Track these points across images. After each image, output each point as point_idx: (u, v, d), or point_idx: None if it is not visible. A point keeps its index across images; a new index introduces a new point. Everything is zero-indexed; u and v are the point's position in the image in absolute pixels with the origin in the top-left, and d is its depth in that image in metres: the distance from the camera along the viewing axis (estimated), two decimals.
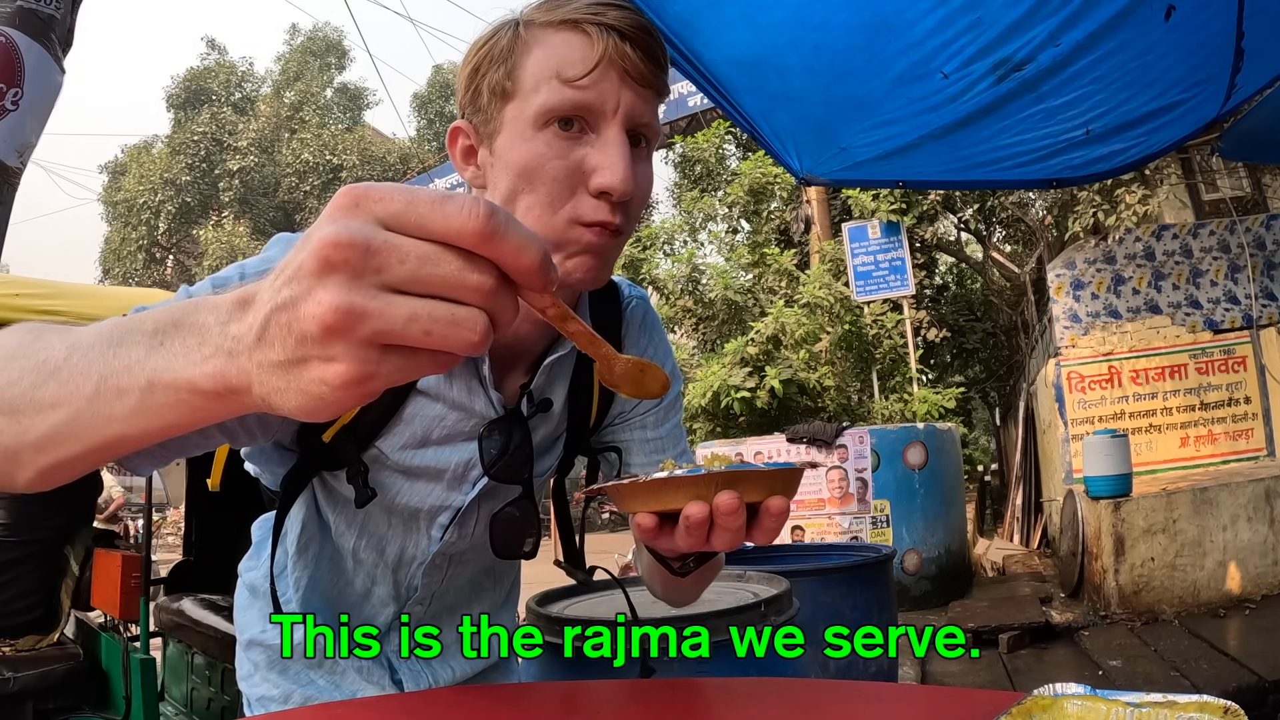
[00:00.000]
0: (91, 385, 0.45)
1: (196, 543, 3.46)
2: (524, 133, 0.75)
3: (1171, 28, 2.05)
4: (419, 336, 0.37)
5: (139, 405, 0.44)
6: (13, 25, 2.01)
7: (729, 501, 0.59)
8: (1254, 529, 4.85)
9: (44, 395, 0.47)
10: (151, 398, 0.43)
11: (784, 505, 0.62)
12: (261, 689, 0.97)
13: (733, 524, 0.61)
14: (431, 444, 0.86)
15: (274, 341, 0.38)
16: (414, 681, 0.98)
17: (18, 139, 2.06)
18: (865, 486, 6.19)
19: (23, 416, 0.48)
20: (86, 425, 0.46)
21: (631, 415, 0.98)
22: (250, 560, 1.01)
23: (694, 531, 0.61)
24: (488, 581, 1.05)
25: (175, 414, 0.44)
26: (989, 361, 12.71)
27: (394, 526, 0.92)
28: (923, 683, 4.11)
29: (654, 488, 0.62)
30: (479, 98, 0.78)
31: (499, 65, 0.76)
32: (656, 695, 0.87)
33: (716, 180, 12.18)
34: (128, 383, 0.44)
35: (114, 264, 22.64)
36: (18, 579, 3.15)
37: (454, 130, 0.81)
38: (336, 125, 23.75)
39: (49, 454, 0.49)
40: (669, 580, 0.86)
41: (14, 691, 2.84)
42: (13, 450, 0.50)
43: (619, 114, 0.75)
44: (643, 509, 0.64)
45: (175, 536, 13.26)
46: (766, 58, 2.23)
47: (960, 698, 0.75)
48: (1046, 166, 2.79)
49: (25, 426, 0.48)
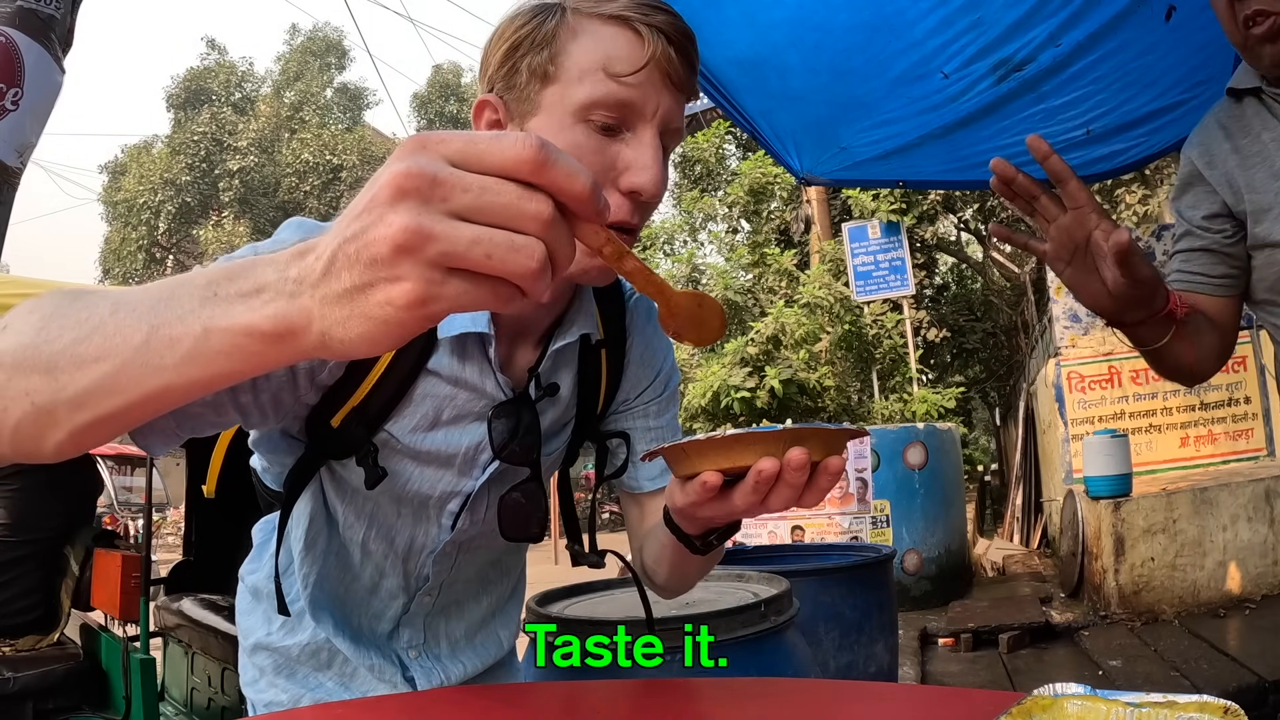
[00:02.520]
0: (141, 335, 0.46)
1: (196, 543, 3.45)
2: (563, 121, 0.75)
3: (1172, 28, 2.05)
4: (481, 259, 0.40)
5: (191, 352, 0.45)
6: (13, 25, 2.00)
7: (800, 456, 0.62)
8: (1254, 529, 4.85)
9: (87, 349, 0.48)
10: (206, 344, 0.45)
11: (841, 464, 0.65)
12: (269, 694, 0.96)
13: (800, 480, 0.63)
14: (441, 426, 0.86)
15: (340, 272, 0.41)
16: (426, 679, 0.98)
17: (18, 139, 2.06)
18: (865, 486, 6.19)
19: (60, 373, 0.49)
20: (132, 376, 0.47)
21: (635, 404, 0.99)
22: (252, 563, 1.01)
23: (760, 488, 0.63)
24: (494, 574, 1.05)
25: (229, 361, 0.45)
26: (989, 361, 12.72)
27: (404, 516, 0.92)
28: (923, 683, 4.11)
29: (727, 444, 0.64)
30: (515, 76, 0.78)
31: (543, 48, 0.76)
32: (657, 695, 0.87)
33: (716, 180, 12.19)
34: (180, 331, 0.45)
35: (114, 264, 22.64)
36: (18, 579, 3.15)
37: (481, 104, 0.81)
38: (336, 125, 23.75)
39: (87, 411, 0.49)
40: (679, 563, 0.87)
41: (14, 691, 2.83)
42: (47, 409, 0.50)
43: (657, 116, 0.76)
44: (711, 466, 0.65)
45: (175, 536, 13.25)
46: (767, 57, 2.23)
47: (960, 698, 0.75)
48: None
49: (63, 383, 0.49)
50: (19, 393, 0.50)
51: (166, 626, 3.15)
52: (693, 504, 0.68)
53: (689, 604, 1.89)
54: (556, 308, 0.88)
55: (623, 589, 2.19)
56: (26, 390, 0.50)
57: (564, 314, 0.89)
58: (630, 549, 1.02)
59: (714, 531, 0.78)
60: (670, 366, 1.01)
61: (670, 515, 0.78)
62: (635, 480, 0.98)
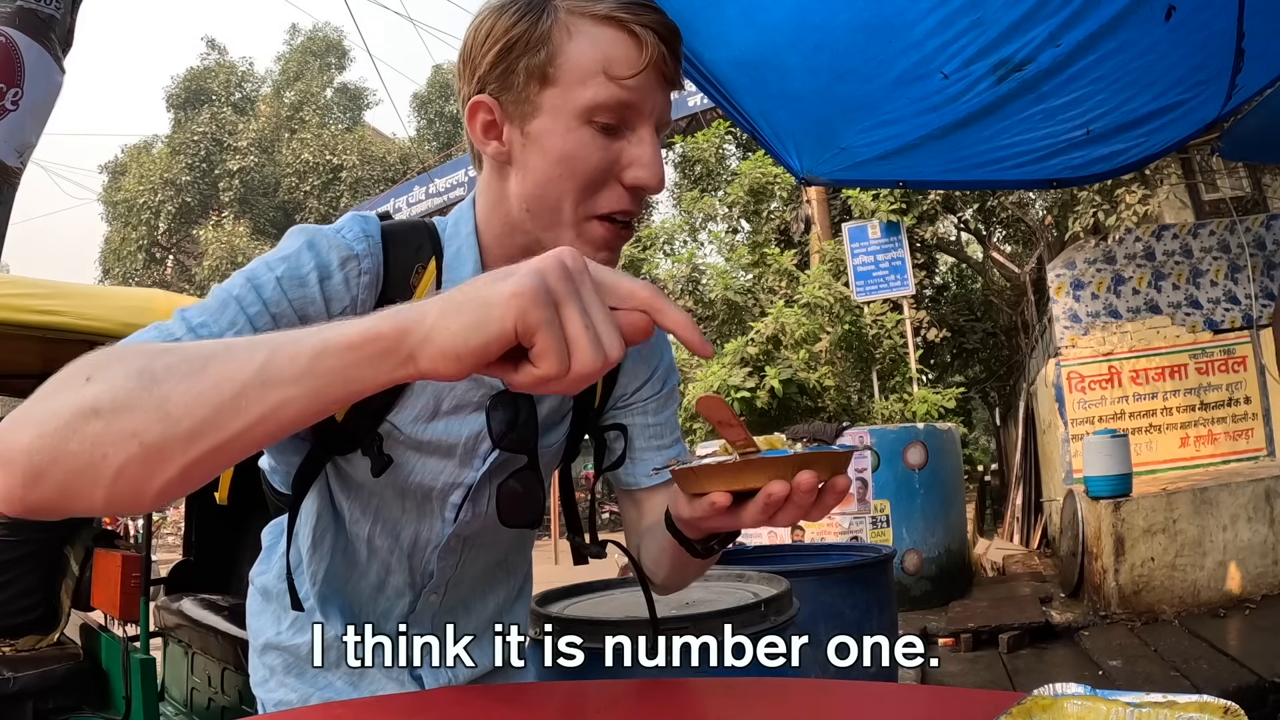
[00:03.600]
0: (263, 356, 0.51)
1: (196, 543, 3.46)
2: (569, 123, 0.78)
3: (1172, 28, 2.05)
4: (577, 327, 0.50)
5: (310, 366, 0.51)
6: (13, 25, 2.01)
7: (810, 480, 0.64)
8: (1254, 529, 4.85)
9: (204, 380, 0.51)
10: (324, 352, 0.51)
11: (847, 484, 0.67)
12: (279, 694, 0.96)
13: (808, 501, 0.65)
14: (442, 415, 0.87)
15: (468, 288, 0.51)
16: (434, 678, 0.98)
17: (18, 139, 2.06)
18: (865, 486, 6.18)
19: (175, 407, 0.51)
20: (253, 397, 0.51)
21: (632, 400, 1.00)
22: (262, 565, 1.02)
23: (769, 509, 0.66)
24: (500, 573, 1.05)
25: (343, 370, 0.51)
26: (989, 361, 12.70)
27: (408, 510, 0.93)
28: (923, 683, 4.11)
29: (738, 469, 0.66)
30: (512, 77, 0.79)
31: (539, 48, 0.77)
32: (658, 695, 0.87)
33: (716, 180, 12.18)
34: (299, 349, 0.51)
35: (114, 264, 22.64)
36: (18, 579, 3.15)
37: (475, 104, 0.81)
38: (336, 125, 23.75)
39: (203, 441, 0.51)
40: (679, 565, 0.88)
41: (14, 691, 2.83)
42: (157, 448, 0.51)
43: (654, 114, 0.79)
44: (722, 488, 0.67)
45: (175, 536, 13.26)
46: (767, 58, 2.24)
47: (960, 698, 0.75)
48: (1047, 167, 2.80)
49: (178, 417, 0.51)
50: (123, 435, 0.51)
51: (166, 626, 3.15)
52: (699, 518, 0.71)
53: (689, 604, 1.89)
54: None
55: (623, 589, 2.19)
56: (133, 431, 0.51)
57: None
58: (628, 548, 1.02)
59: (715, 537, 0.80)
60: (668, 365, 1.02)
61: (672, 520, 0.80)
62: (633, 476, 0.99)
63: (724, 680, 0.86)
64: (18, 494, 0.53)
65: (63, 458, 0.52)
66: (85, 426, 0.51)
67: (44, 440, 0.52)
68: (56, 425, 0.52)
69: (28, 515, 0.55)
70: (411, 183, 18.98)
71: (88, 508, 0.54)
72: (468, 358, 0.49)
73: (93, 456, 0.51)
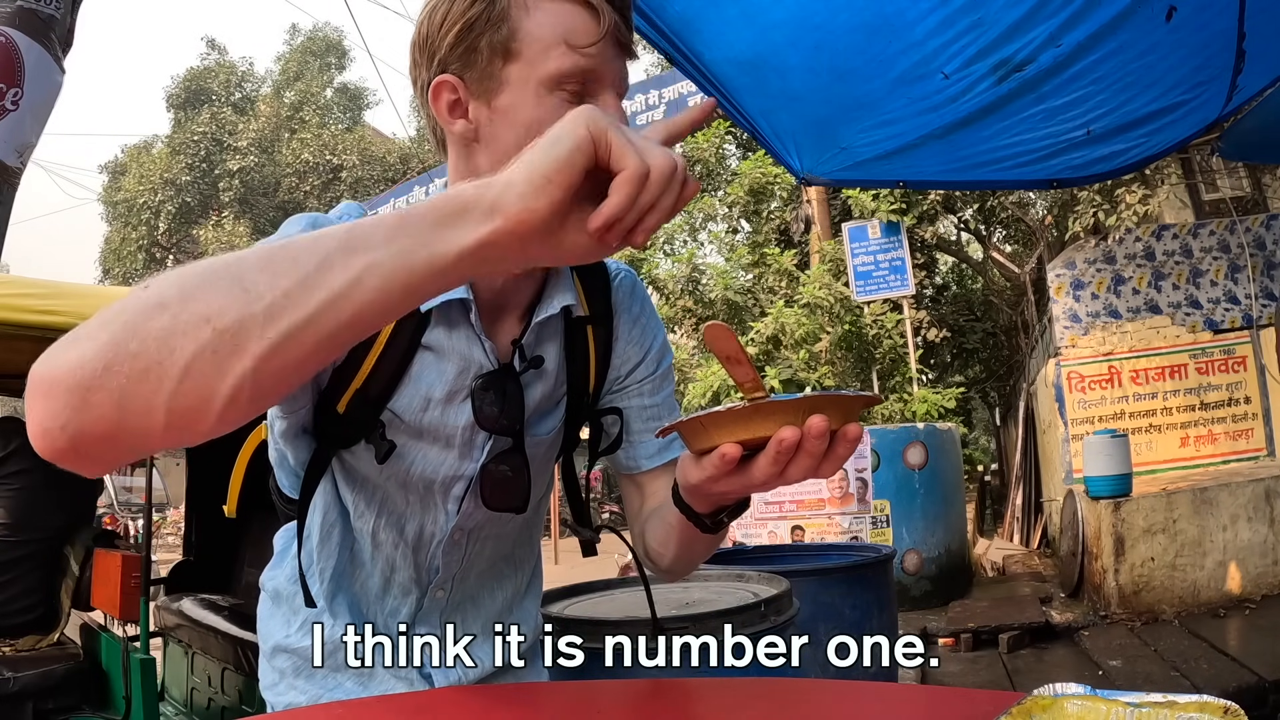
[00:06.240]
0: (344, 230, 0.52)
1: (196, 543, 3.46)
2: (536, 92, 0.79)
3: (1173, 28, 2.05)
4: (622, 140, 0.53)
5: (392, 234, 0.51)
6: (13, 25, 2.01)
7: (821, 424, 0.61)
8: (1254, 529, 4.85)
9: (284, 254, 0.51)
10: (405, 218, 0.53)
11: (859, 431, 0.64)
12: (288, 696, 0.96)
13: (820, 448, 0.62)
14: (438, 402, 0.88)
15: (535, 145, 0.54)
16: (443, 677, 0.98)
17: (18, 139, 2.06)
18: (865, 486, 6.18)
19: (251, 283, 0.48)
20: (339, 265, 0.50)
21: (628, 383, 1.00)
22: (273, 569, 1.02)
23: (781, 458, 0.63)
24: (507, 569, 1.05)
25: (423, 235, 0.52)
26: (989, 361, 12.70)
27: (411, 504, 0.93)
28: (923, 683, 4.11)
29: (746, 415, 0.63)
30: (474, 55, 0.80)
31: (499, 24, 0.79)
32: (658, 695, 0.87)
33: (716, 180, 12.17)
34: (380, 220, 0.52)
35: (114, 264, 22.63)
36: (18, 579, 3.15)
37: (439, 84, 0.82)
38: (336, 125, 23.72)
39: (283, 320, 0.48)
40: (686, 544, 0.86)
41: (14, 691, 2.83)
42: (231, 332, 0.47)
43: (614, 81, 0.82)
44: (729, 439, 0.63)
45: (175, 536, 13.25)
46: (767, 58, 2.24)
47: (960, 698, 0.75)
48: (1047, 167, 2.80)
49: (258, 294, 0.48)
50: (194, 321, 0.46)
51: (166, 626, 3.15)
52: (709, 479, 0.67)
53: (689, 604, 1.89)
54: (534, 281, 0.91)
55: (623, 589, 2.19)
56: (206, 315, 0.46)
57: (543, 288, 0.92)
58: (630, 536, 1.01)
59: (724, 509, 0.78)
60: (661, 345, 1.02)
61: (679, 494, 0.78)
62: (633, 459, 0.99)
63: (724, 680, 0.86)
64: (61, 420, 0.47)
65: (119, 361, 0.46)
66: (149, 323, 0.46)
67: (97, 348, 0.46)
68: (113, 330, 0.46)
69: (71, 455, 0.48)
70: (411, 183, 18.95)
71: (145, 428, 0.47)
72: (556, 177, 0.51)
73: (159, 353, 0.46)
